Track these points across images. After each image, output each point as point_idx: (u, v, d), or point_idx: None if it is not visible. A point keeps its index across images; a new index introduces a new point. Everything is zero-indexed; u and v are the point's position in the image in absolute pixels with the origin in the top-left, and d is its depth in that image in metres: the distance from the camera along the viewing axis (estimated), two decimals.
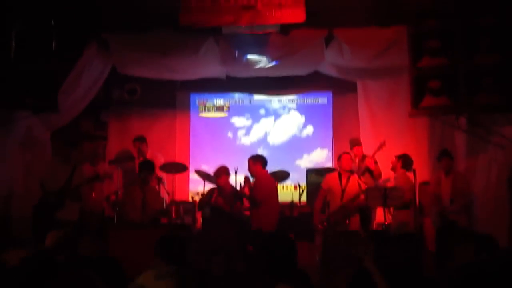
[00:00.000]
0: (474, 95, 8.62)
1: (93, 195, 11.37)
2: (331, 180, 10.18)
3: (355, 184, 10.00)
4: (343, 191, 9.95)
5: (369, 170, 10.67)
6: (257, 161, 10.52)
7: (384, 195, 9.48)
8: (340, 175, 10.10)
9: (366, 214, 10.32)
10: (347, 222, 9.85)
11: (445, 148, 10.08)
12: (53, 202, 9.97)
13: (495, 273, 3.92)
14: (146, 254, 5.81)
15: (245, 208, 10.74)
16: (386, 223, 9.89)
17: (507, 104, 8.54)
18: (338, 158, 10.37)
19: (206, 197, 10.73)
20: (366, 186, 10.04)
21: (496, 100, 8.54)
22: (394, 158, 10.25)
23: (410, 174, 9.88)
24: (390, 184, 10.14)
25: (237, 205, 10.48)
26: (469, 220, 9.62)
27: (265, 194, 10.29)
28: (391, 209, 9.99)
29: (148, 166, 10.44)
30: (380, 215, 10.35)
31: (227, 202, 10.41)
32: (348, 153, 10.52)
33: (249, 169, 10.50)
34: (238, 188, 10.73)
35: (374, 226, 10.81)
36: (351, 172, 10.16)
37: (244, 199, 10.54)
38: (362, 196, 9.90)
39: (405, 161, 10.10)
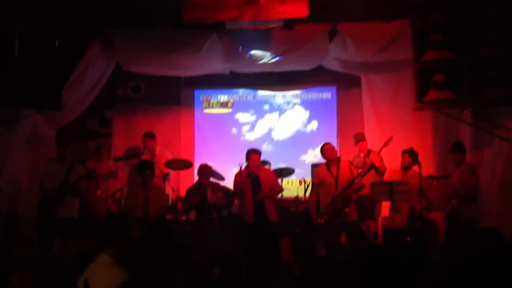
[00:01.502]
0: (479, 88, 8.57)
1: (98, 193, 11.40)
2: (321, 173, 10.23)
3: (346, 170, 10.03)
4: (336, 180, 9.96)
5: (374, 167, 10.63)
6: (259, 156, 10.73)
7: (390, 190, 9.48)
8: (328, 165, 10.12)
9: (363, 205, 10.37)
10: (347, 210, 9.87)
11: (459, 141, 10.04)
12: (51, 201, 10.01)
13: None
14: None
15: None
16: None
17: None
18: (321, 151, 10.39)
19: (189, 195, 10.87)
20: (357, 170, 10.05)
21: (501, 93, 8.49)
22: (404, 154, 10.13)
23: (415, 168, 9.87)
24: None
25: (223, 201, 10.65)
26: (475, 213, 9.58)
27: None
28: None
29: (148, 166, 10.46)
30: (386, 209, 10.36)
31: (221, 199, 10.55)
32: (328, 143, 10.49)
33: (257, 163, 10.58)
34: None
35: (380, 220, 10.82)
36: (338, 159, 10.14)
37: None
38: (357, 181, 9.94)
39: (414, 156, 10.03)
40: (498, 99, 8.54)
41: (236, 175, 10.79)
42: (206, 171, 10.97)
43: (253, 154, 10.56)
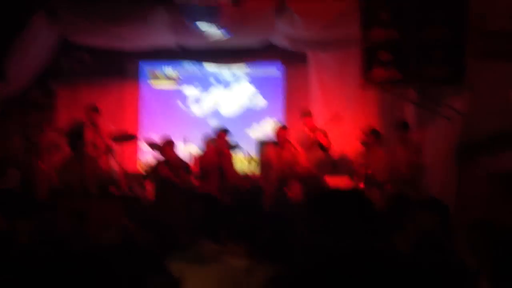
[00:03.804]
0: (424, 67, 8.72)
1: (42, 166, 11.25)
2: (269, 153, 10.34)
3: (289, 153, 10.13)
4: (279, 162, 10.08)
5: (320, 145, 10.72)
6: None
7: (333, 166, 9.58)
8: (276, 145, 10.24)
9: (310, 183, 10.43)
10: (285, 190, 9.99)
11: (404, 120, 10.14)
12: None
13: None
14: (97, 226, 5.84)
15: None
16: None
17: (456, 76, 8.65)
18: (274, 131, 10.52)
19: (151, 170, 10.72)
20: (296, 152, 10.15)
21: (445, 73, 8.65)
22: (367, 135, 10.11)
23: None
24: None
25: (184, 176, 10.54)
26: (419, 191, 9.72)
27: None
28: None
29: (78, 136, 10.33)
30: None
31: (175, 173, 10.42)
32: (280, 124, 10.65)
33: (224, 142, 10.61)
34: (188, 158, 10.84)
35: None
36: (285, 142, 10.27)
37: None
38: (302, 162, 10.04)
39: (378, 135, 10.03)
40: (442, 78, 8.71)
41: (207, 152, 10.74)
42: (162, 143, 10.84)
43: (223, 133, 10.52)
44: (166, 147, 10.61)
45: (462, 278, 3.79)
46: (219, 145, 10.48)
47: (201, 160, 10.72)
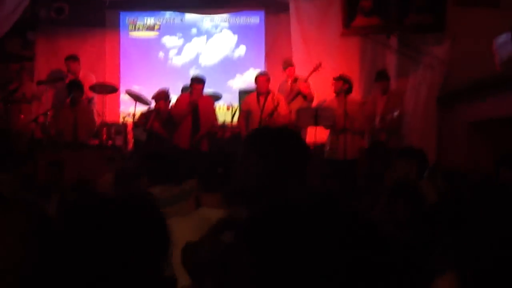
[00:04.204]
0: (405, 15, 8.67)
1: (21, 117, 11.17)
2: (250, 101, 10.29)
3: (270, 102, 10.08)
4: (261, 111, 10.04)
5: (301, 94, 10.69)
6: None
7: (315, 115, 9.53)
8: (258, 95, 10.18)
9: None
10: None
11: (383, 70, 10.11)
12: None
13: None
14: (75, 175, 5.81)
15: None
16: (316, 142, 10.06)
17: (437, 23, 8.61)
18: (255, 80, 10.39)
19: (142, 119, 10.68)
20: (278, 103, 10.07)
21: (427, 20, 8.61)
22: (336, 82, 10.01)
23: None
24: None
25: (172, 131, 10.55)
26: (400, 140, 9.73)
27: None
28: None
29: (77, 86, 10.27)
30: (311, 135, 10.44)
31: (164, 127, 10.41)
32: (263, 74, 10.52)
33: (199, 92, 10.52)
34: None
35: None
36: (268, 92, 10.20)
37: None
38: (282, 112, 9.99)
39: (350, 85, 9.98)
40: (423, 25, 8.67)
41: (179, 100, 10.77)
42: (156, 95, 10.80)
43: (196, 83, 10.44)
44: (160, 100, 10.58)
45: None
46: (194, 94, 10.41)
47: (172, 109, 10.74)
